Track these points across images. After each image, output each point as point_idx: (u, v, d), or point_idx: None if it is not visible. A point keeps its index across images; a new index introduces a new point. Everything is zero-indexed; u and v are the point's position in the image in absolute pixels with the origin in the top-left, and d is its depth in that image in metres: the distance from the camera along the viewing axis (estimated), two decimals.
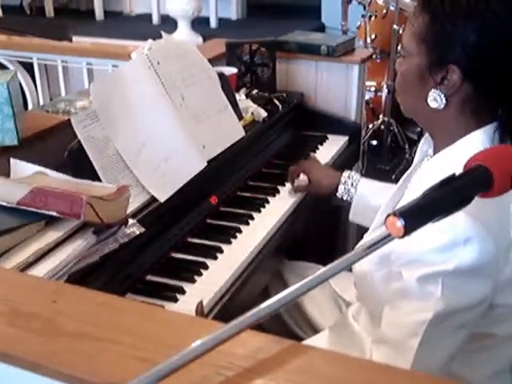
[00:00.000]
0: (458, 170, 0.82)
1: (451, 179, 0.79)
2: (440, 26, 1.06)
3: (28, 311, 0.76)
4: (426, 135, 1.24)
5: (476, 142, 1.07)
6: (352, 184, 1.60)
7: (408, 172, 1.29)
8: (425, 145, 1.26)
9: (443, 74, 1.07)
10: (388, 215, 0.73)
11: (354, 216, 1.61)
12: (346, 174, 1.62)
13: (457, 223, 0.96)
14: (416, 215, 0.74)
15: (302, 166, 1.73)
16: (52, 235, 1.08)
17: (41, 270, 1.03)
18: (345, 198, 1.61)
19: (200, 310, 1.16)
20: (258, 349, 0.67)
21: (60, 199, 1.08)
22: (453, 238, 0.97)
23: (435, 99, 1.09)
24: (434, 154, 1.18)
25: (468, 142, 1.08)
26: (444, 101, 1.09)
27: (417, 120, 1.22)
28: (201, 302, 1.16)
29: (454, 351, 1.06)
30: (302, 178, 1.71)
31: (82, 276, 1.11)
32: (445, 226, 0.96)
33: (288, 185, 1.74)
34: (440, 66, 1.07)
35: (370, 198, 1.56)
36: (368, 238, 1.27)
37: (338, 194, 1.62)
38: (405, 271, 1.04)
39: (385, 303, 1.11)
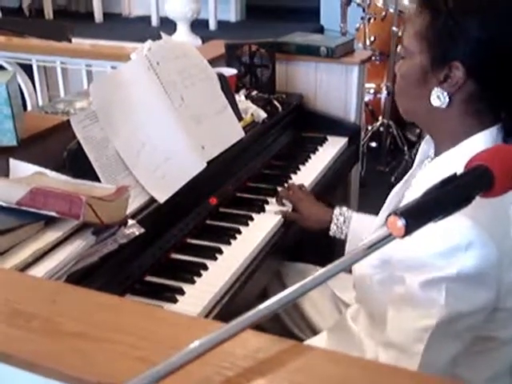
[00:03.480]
0: (461, 171, 0.82)
1: (452, 179, 0.79)
2: (443, 22, 1.05)
3: (27, 311, 0.75)
4: (427, 137, 1.23)
5: (479, 144, 1.05)
6: (344, 221, 1.55)
7: (409, 174, 1.29)
8: (425, 146, 1.25)
9: (446, 72, 1.06)
10: (389, 215, 0.73)
11: None
12: (337, 211, 1.56)
13: (458, 228, 0.95)
14: (417, 215, 0.74)
15: (292, 197, 1.65)
16: (51, 235, 1.08)
17: (40, 270, 1.02)
18: (337, 237, 1.56)
19: None
20: (258, 349, 0.67)
21: (59, 199, 1.08)
22: (455, 244, 0.96)
23: (438, 97, 1.08)
24: (436, 155, 1.17)
25: (471, 144, 1.07)
26: (447, 99, 1.07)
27: (417, 122, 1.21)
28: None
29: (457, 354, 1.05)
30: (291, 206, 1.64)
31: (81, 277, 1.10)
32: (446, 231, 0.96)
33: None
34: (443, 64, 1.06)
35: (365, 233, 1.45)
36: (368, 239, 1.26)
37: (330, 233, 1.57)
38: (408, 276, 1.03)
39: (385, 306, 1.10)
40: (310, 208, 1.63)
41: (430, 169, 1.15)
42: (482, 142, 1.06)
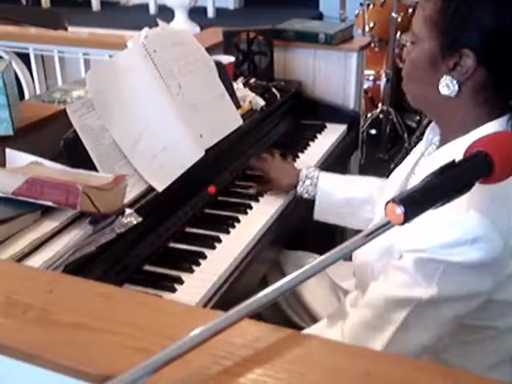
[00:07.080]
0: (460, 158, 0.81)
1: (451, 165, 0.79)
2: (454, 9, 1.02)
3: (23, 301, 0.75)
4: (433, 124, 1.22)
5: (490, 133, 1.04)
6: (311, 182, 1.57)
7: (411, 161, 1.27)
8: (430, 134, 1.24)
9: (456, 60, 1.04)
10: (387, 202, 0.72)
11: (319, 214, 1.57)
12: (304, 172, 1.59)
13: (466, 222, 0.94)
14: (416, 202, 0.74)
15: (262, 168, 1.69)
16: (48, 225, 1.07)
17: (37, 260, 1.02)
18: (304, 197, 1.59)
19: None
20: (256, 338, 0.66)
21: (56, 189, 1.07)
22: (461, 236, 0.94)
23: (447, 86, 1.06)
24: (442, 143, 1.15)
25: (481, 133, 1.04)
26: (456, 87, 1.05)
27: (426, 110, 1.19)
28: None
29: (431, 342, 1.03)
30: None
31: (79, 266, 1.10)
32: (454, 225, 0.94)
33: None
34: (453, 51, 1.04)
35: (333, 193, 1.53)
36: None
37: (297, 193, 1.59)
38: (406, 255, 1.02)
39: None
40: (279, 172, 1.65)
41: (437, 157, 1.13)
42: (491, 131, 1.04)
